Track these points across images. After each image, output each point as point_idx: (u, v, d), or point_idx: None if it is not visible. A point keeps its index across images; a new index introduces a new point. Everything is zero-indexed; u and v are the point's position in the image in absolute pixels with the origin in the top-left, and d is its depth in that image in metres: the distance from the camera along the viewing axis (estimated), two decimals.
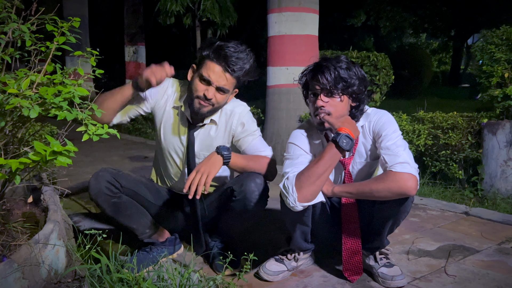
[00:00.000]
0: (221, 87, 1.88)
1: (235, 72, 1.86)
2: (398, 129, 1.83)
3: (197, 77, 1.90)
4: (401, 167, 1.66)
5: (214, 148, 1.88)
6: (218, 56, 1.84)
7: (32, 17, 1.62)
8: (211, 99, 1.88)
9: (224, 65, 1.85)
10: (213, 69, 1.85)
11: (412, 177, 1.65)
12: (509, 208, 3.03)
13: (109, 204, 1.88)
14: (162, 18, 8.05)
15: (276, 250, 2.04)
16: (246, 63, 1.88)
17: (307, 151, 1.89)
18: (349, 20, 18.92)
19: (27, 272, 1.35)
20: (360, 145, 1.91)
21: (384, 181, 1.68)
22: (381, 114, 1.88)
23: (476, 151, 3.51)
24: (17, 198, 2.05)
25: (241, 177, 1.90)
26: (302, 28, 4.66)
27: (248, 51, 1.90)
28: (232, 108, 2.02)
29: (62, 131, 1.71)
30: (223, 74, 1.86)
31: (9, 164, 1.29)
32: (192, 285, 1.58)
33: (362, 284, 1.88)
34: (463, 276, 1.95)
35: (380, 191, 1.68)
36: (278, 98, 4.81)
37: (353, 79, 1.81)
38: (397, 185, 1.65)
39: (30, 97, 1.39)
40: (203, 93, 1.87)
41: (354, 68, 1.83)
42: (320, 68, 1.83)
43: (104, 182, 1.85)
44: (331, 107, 1.80)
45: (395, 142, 1.76)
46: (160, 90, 2.02)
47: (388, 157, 1.72)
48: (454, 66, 20.34)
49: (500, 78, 3.54)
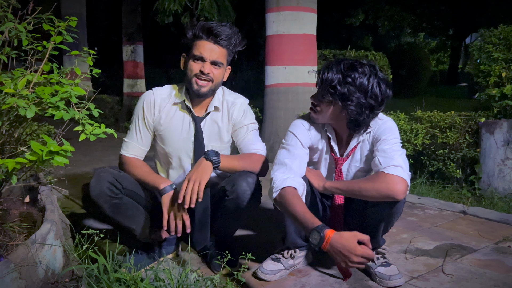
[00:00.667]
0: (215, 60, 1.94)
1: (224, 41, 1.94)
2: (398, 137, 1.81)
3: (189, 60, 1.97)
4: (394, 170, 1.65)
5: (223, 136, 1.97)
6: (204, 32, 1.93)
7: (28, 16, 1.62)
8: (208, 74, 1.94)
9: (211, 38, 1.93)
10: (203, 45, 1.93)
11: (402, 181, 1.64)
12: (507, 207, 3.04)
13: (109, 205, 1.89)
14: (160, 17, 8.03)
15: (274, 249, 2.04)
16: (231, 33, 1.95)
17: (304, 144, 1.88)
18: (347, 19, 18.92)
19: (24, 272, 1.35)
20: (357, 150, 1.91)
21: (374, 181, 1.67)
22: (385, 121, 1.87)
23: (473, 150, 3.52)
24: (14, 198, 2.04)
25: (233, 177, 1.90)
26: (300, 27, 4.66)
27: (230, 24, 1.99)
28: (233, 99, 2.08)
29: (59, 131, 1.71)
30: (214, 47, 1.93)
31: (6, 164, 1.29)
32: (189, 285, 1.58)
33: (360, 284, 1.88)
34: (460, 275, 1.95)
35: (369, 190, 1.67)
36: (276, 98, 4.81)
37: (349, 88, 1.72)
38: (386, 187, 1.64)
39: (26, 97, 1.39)
40: (200, 69, 1.94)
41: (360, 78, 1.71)
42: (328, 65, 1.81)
43: (105, 183, 1.85)
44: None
45: (392, 146, 1.76)
46: (150, 106, 2.05)
47: (383, 159, 1.71)
48: (452, 65, 20.39)
49: (497, 77, 3.55)
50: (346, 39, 20.67)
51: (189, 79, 1.96)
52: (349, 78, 1.71)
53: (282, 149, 1.89)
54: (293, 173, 1.78)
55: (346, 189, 1.77)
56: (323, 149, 1.95)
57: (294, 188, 1.71)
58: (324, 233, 1.51)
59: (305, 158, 1.88)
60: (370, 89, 1.72)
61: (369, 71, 1.73)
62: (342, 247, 1.47)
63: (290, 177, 1.74)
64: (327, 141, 1.93)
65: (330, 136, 1.91)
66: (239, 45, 2.01)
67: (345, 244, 1.47)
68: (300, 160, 1.84)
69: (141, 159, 2.06)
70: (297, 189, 1.72)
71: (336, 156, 1.93)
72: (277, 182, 1.74)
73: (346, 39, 20.67)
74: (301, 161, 1.85)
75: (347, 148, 1.92)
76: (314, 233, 1.54)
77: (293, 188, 1.71)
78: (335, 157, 1.92)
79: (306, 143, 1.89)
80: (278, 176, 1.76)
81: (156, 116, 2.05)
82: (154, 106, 2.05)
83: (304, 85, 4.64)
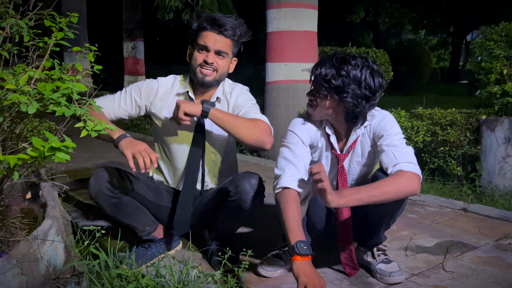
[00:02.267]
0: (219, 49, 1.95)
1: (228, 32, 1.94)
2: (401, 131, 1.81)
3: (194, 50, 1.98)
4: (409, 167, 1.66)
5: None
6: (209, 23, 1.94)
7: (30, 12, 1.61)
8: (212, 63, 1.94)
9: (216, 28, 1.93)
10: (207, 35, 1.94)
11: (419, 179, 1.66)
12: (507, 205, 3.04)
13: (109, 204, 1.89)
14: (160, 13, 8.01)
15: (274, 246, 2.05)
16: (236, 23, 1.97)
17: (305, 142, 1.87)
18: (348, 16, 18.90)
19: (25, 268, 1.35)
20: (358, 145, 1.90)
21: (395, 181, 1.63)
22: (383, 115, 1.86)
23: (474, 148, 3.52)
24: (15, 194, 2.04)
25: (237, 178, 1.90)
26: (301, 24, 4.65)
27: (235, 16, 1.98)
28: (231, 89, 2.09)
29: (61, 127, 1.70)
30: (218, 37, 1.94)
31: (7, 160, 1.29)
32: (190, 281, 1.58)
33: (360, 280, 1.88)
34: (460, 272, 1.95)
35: (389, 192, 1.61)
36: (277, 94, 4.81)
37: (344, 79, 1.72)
38: (407, 186, 1.62)
39: (28, 93, 1.39)
40: (204, 59, 1.95)
41: (354, 70, 1.72)
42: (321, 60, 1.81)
43: (104, 182, 1.85)
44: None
45: (402, 142, 1.76)
46: (150, 93, 2.06)
47: (398, 153, 1.70)
48: (453, 62, 20.37)
49: (499, 74, 3.55)
50: (346, 36, 20.64)
51: (194, 69, 1.97)
52: (342, 71, 1.72)
53: (284, 147, 1.87)
54: (298, 171, 1.77)
55: (367, 195, 1.61)
56: (323, 147, 1.95)
57: (296, 192, 1.70)
58: (291, 256, 1.51)
59: (308, 157, 1.87)
60: (363, 80, 1.72)
61: (361, 62, 1.74)
62: (297, 276, 1.46)
63: (297, 179, 1.72)
64: (327, 138, 1.93)
65: (329, 133, 1.90)
66: (244, 36, 2.01)
67: (301, 275, 1.45)
68: (304, 159, 1.83)
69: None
70: (300, 193, 1.71)
71: (336, 152, 1.93)
72: (283, 178, 1.73)
73: (346, 36, 20.64)
74: (305, 160, 1.84)
75: (346, 144, 1.91)
76: (290, 249, 1.54)
77: (295, 192, 1.69)
78: (336, 153, 1.92)
79: (307, 141, 1.89)
80: (287, 172, 1.75)
81: (155, 105, 2.06)
82: (156, 94, 2.06)
83: (304, 82, 4.63)
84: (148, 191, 2.07)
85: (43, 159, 1.32)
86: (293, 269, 1.49)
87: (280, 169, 1.80)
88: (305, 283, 1.42)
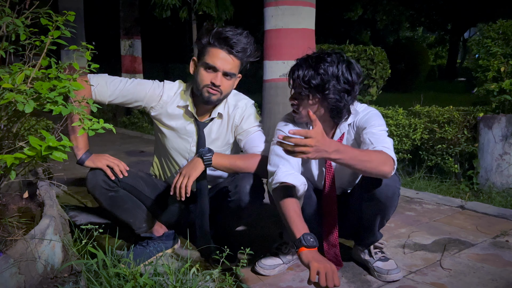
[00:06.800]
0: (227, 71, 1.88)
1: (239, 53, 1.88)
2: (384, 124, 1.81)
3: (201, 66, 1.90)
4: (388, 151, 1.65)
5: (225, 139, 1.97)
6: (219, 41, 1.86)
7: (26, 11, 1.61)
8: (219, 86, 1.88)
9: (227, 48, 1.86)
10: (217, 55, 1.86)
11: (392, 162, 1.63)
12: (504, 202, 3.05)
13: (106, 198, 1.90)
14: (158, 11, 8.00)
15: (272, 244, 2.05)
16: (247, 43, 1.89)
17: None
18: (346, 14, 18.88)
19: (23, 267, 1.35)
20: (344, 142, 1.90)
21: (376, 154, 1.62)
22: (368, 111, 1.86)
23: (471, 145, 3.52)
24: (12, 193, 2.04)
25: (236, 178, 1.90)
26: (299, 22, 4.64)
27: (246, 33, 1.91)
28: (235, 102, 2.04)
29: (58, 126, 1.70)
30: (227, 58, 1.87)
31: (5, 159, 1.29)
32: (188, 280, 1.58)
33: (358, 278, 1.89)
34: (458, 270, 1.96)
35: (372, 161, 1.58)
36: (274, 92, 4.80)
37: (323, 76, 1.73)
38: (383, 162, 1.60)
39: (25, 92, 1.38)
40: (211, 81, 1.88)
41: (332, 67, 1.74)
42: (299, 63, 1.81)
43: (101, 176, 1.86)
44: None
45: (383, 133, 1.76)
46: (153, 98, 2.02)
47: (374, 139, 1.71)
48: (451, 60, 20.40)
49: (496, 72, 3.55)
50: (344, 34, 20.64)
51: (199, 87, 1.91)
52: (320, 70, 1.73)
53: (274, 145, 1.86)
54: (292, 166, 1.77)
55: (356, 154, 1.57)
56: None
57: (293, 186, 1.70)
58: (298, 248, 1.54)
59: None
60: (341, 74, 1.75)
61: (336, 58, 1.76)
62: (309, 262, 1.48)
63: (292, 173, 1.72)
64: None
65: None
66: (252, 56, 1.94)
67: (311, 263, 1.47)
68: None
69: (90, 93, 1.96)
70: (298, 188, 1.71)
71: None
72: (278, 174, 1.72)
73: (344, 34, 20.64)
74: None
75: None
76: (296, 242, 1.56)
77: (292, 186, 1.70)
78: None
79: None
80: (281, 168, 1.75)
81: (156, 109, 2.04)
82: (159, 100, 2.02)
83: None
84: (146, 187, 2.08)
85: (40, 158, 1.32)
86: (302, 258, 1.50)
87: (273, 165, 1.78)
88: (318, 267, 1.43)
